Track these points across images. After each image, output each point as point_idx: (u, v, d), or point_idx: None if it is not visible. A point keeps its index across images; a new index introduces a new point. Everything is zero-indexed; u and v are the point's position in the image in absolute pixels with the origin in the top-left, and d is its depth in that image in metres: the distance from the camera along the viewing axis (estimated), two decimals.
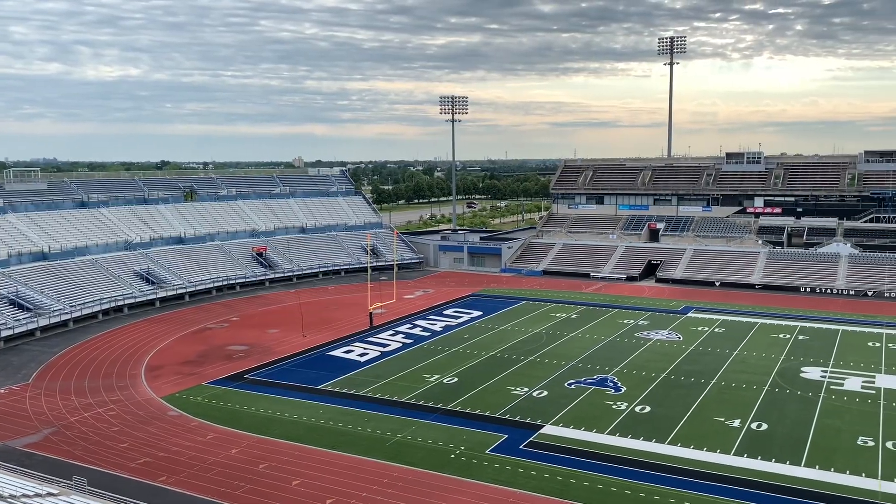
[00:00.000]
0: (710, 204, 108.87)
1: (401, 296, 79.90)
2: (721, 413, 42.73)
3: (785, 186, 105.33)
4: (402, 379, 50.39)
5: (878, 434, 39.17)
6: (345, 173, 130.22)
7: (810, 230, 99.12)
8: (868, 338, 61.83)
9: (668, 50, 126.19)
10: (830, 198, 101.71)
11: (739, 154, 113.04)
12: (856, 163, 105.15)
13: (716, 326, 66.64)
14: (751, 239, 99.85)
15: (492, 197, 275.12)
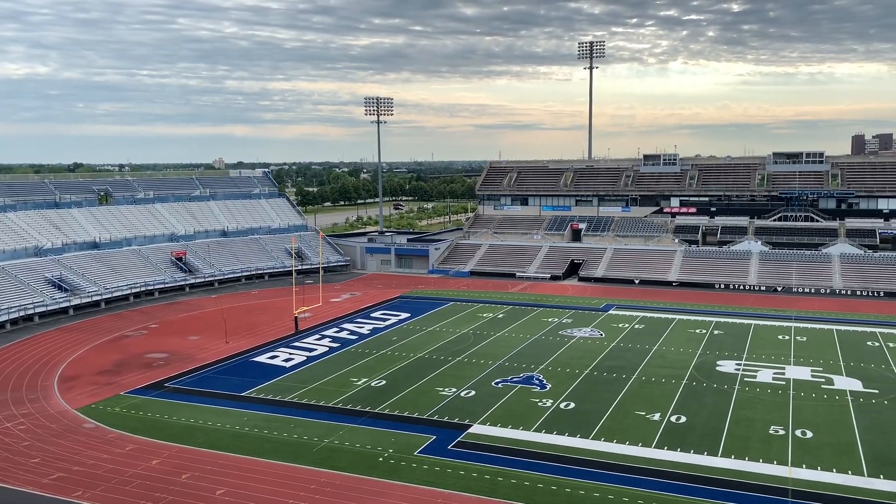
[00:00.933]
0: (629, 204, 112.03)
1: (327, 299, 79.10)
2: (642, 407, 44.02)
3: (699, 187, 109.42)
4: (329, 383, 49.88)
5: (789, 423, 41.13)
6: (268, 175, 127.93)
7: (723, 229, 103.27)
8: (778, 331, 64.85)
9: (588, 54, 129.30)
10: (742, 198, 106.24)
11: (656, 156, 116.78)
12: (765, 164, 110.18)
13: (636, 323, 68.61)
14: (668, 238, 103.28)
15: (419, 198, 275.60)
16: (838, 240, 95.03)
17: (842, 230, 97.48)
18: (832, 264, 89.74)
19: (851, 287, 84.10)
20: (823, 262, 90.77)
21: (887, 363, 53.66)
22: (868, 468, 34.78)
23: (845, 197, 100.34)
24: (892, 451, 36.78)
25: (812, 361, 54.34)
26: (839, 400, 45.24)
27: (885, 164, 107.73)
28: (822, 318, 70.45)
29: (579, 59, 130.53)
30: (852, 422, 41.21)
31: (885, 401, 44.98)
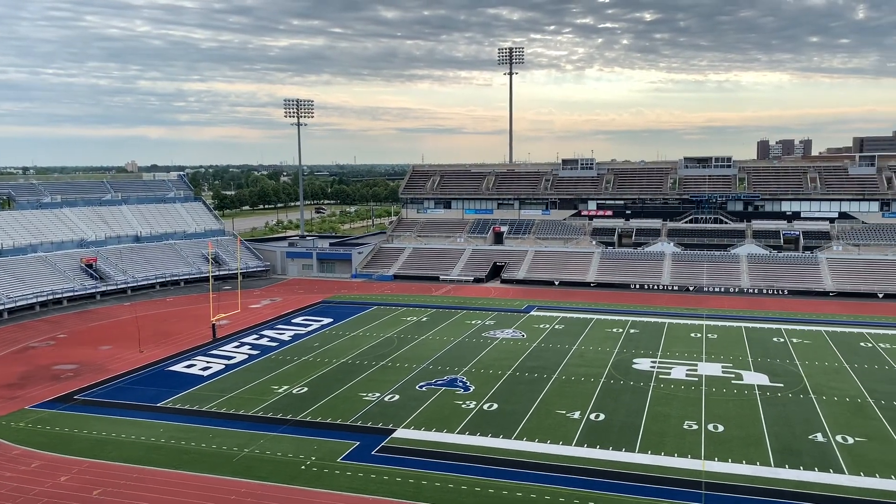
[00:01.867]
0: (548, 208, 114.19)
1: (246, 305, 77.42)
2: (562, 406, 44.89)
3: (615, 191, 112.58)
4: (249, 392, 48.78)
5: (702, 418, 42.74)
6: (183, 178, 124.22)
7: (638, 231, 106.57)
8: (691, 329, 67.34)
9: (508, 60, 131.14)
10: (655, 201, 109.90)
11: (574, 161, 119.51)
12: (677, 168, 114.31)
13: (556, 323, 69.95)
14: (586, 240, 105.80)
15: (341, 202, 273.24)
16: (745, 241, 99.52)
17: (749, 231, 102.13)
18: (740, 264, 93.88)
19: (758, 286, 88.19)
20: (732, 262, 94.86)
21: (791, 358, 56.48)
22: (774, 459, 36.49)
23: (751, 200, 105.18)
24: (795, 442, 38.71)
25: (722, 358, 56.66)
26: (748, 394, 47.31)
27: (787, 169, 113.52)
28: (732, 315, 73.57)
29: (499, 65, 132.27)
30: (760, 415, 43.15)
31: (790, 394, 47.33)
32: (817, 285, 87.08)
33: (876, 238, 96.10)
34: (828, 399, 46.12)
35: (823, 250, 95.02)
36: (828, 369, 53.25)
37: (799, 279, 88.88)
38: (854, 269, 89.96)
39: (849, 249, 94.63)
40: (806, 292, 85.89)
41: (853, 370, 52.90)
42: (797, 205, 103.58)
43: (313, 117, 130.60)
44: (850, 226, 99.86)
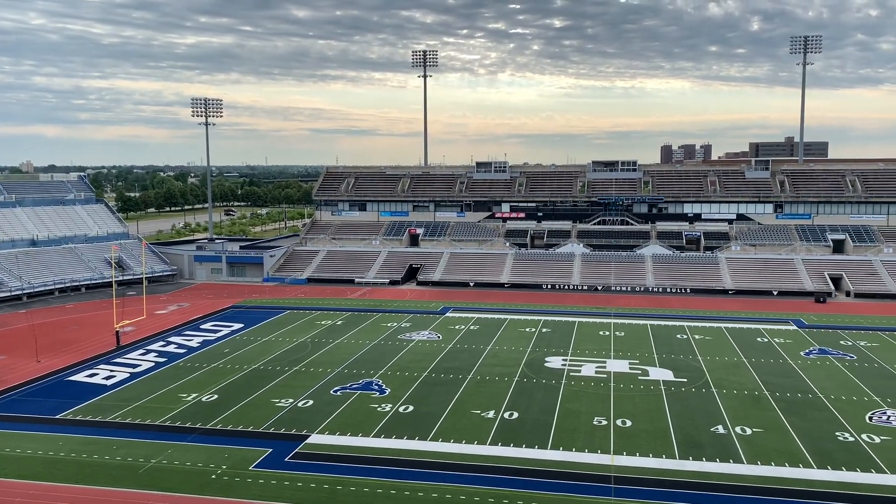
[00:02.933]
0: (463, 210, 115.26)
1: (152, 311, 74.70)
2: (477, 406, 45.38)
3: (527, 193, 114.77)
4: (156, 400, 47.05)
5: (610, 413, 44.07)
6: (83, 179, 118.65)
7: (550, 232, 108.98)
8: (599, 327, 69.36)
9: (422, 63, 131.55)
10: (566, 203, 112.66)
11: (488, 163, 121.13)
12: (585, 172, 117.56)
13: (471, 324, 70.66)
14: (500, 242, 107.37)
15: (252, 204, 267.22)
16: (650, 241, 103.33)
17: (653, 233, 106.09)
18: (645, 264, 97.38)
19: (662, 285, 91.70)
20: (638, 262, 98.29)
21: (694, 354, 59.00)
22: (679, 451, 38.02)
23: (656, 202, 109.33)
24: (698, 435, 40.46)
25: (630, 355, 58.61)
26: (654, 389, 49.12)
27: (689, 173, 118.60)
28: (638, 314, 76.22)
29: (413, 67, 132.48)
30: (665, 409, 44.87)
31: (693, 388, 49.43)
32: (717, 284, 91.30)
33: (770, 238, 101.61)
34: (728, 392, 48.42)
35: (723, 250, 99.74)
36: (727, 364, 55.91)
37: (700, 278, 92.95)
38: (751, 267, 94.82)
39: (746, 249, 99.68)
40: (707, 290, 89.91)
41: (750, 364, 55.74)
42: (698, 207, 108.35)
43: (222, 117, 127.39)
44: (747, 227, 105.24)
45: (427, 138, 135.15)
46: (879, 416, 43.49)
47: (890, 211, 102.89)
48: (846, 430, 40.91)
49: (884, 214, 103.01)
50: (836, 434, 40.36)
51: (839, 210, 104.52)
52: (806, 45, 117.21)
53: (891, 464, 35.99)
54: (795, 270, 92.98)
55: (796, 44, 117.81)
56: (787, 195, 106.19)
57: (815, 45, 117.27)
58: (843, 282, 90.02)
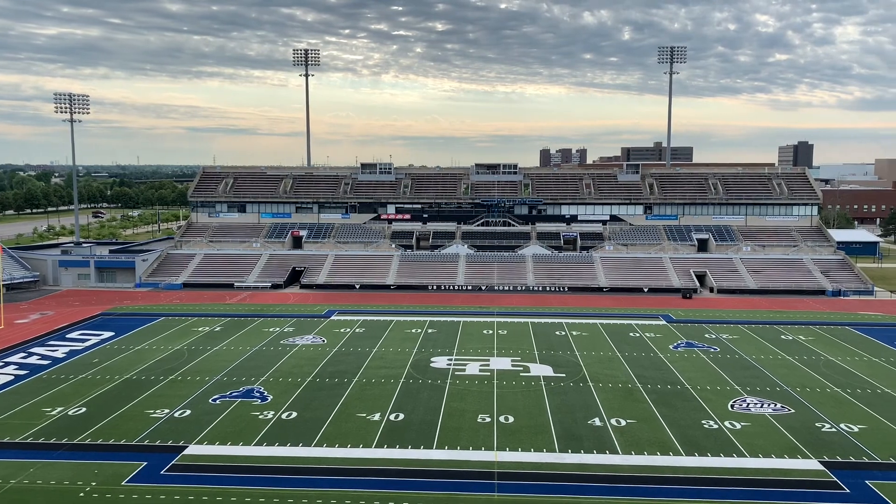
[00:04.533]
0: (348, 211, 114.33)
1: (11, 321, 69.52)
2: (363, 409, 45.09)
3: (413, 195, 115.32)
4: (16, 416, 43.73)
5: (493, 410, 44.95)
6: None
7: (435, 234, 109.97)
8: (483, 326, 70.65)
9: (303, 62, 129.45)
10: (450, 205, 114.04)
11: (373, 165, 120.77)
12: (469, 174, 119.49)
13: (357, 327, 70.18)
14: (385, 243, 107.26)
15: (123, 206, 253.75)
16: (531, 242, 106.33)
17: (533, 234, 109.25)
18: (526, 264, 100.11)
19: (542, 283, 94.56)
20: (519, 262, 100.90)
21: (572, 349, 61.19)
22: (559, 445, 39.30)
23: (535, 204, 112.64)
24: (576, 428, 41.97)
25: (512, 352, 60.05)
26: (535, 385, 50.54)
27: (566, 176, 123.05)
28: (519, 312, 78.24)
29: (295, 66, 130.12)
30: (545, 404, 46.26)
31: (571, 383, 51.24)
32: (593, 282, 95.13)
33: (641, 238, 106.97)
34: (603, 386, 50.52)
35: (597, 250, 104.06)
36: (603, 358, 58.36)
37: (577, 276, 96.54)
38: (623, 266, 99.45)
39: (619, 249, 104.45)
40: (583, 288, 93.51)
41: (624, 358, 58.43)
42: (575, 208, 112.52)
43: (89, 113, 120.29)
44: (620, 227, 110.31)
45: (310, 138, 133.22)
46: (740, 403, 46.69)
47: (748, 212, 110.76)
48: (711, 418, 43.63)
49: (742, 215, 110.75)
50: (703, 422, 42.97)
51: (703, 211, 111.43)
52: (672, 56, 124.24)
53: (750, 448, 38.71)
54: (664, 268, 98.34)
55: (664, 54, 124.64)
56: (656, 197, 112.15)
57: (681, 56, 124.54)
58: (707, 278, 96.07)
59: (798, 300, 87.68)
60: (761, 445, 39.01)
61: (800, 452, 38.10)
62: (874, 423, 42.90)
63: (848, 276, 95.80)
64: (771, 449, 38.54)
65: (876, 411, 44.99)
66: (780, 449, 38.56)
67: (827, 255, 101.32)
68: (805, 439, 39.98)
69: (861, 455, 37.77)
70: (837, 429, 41.78)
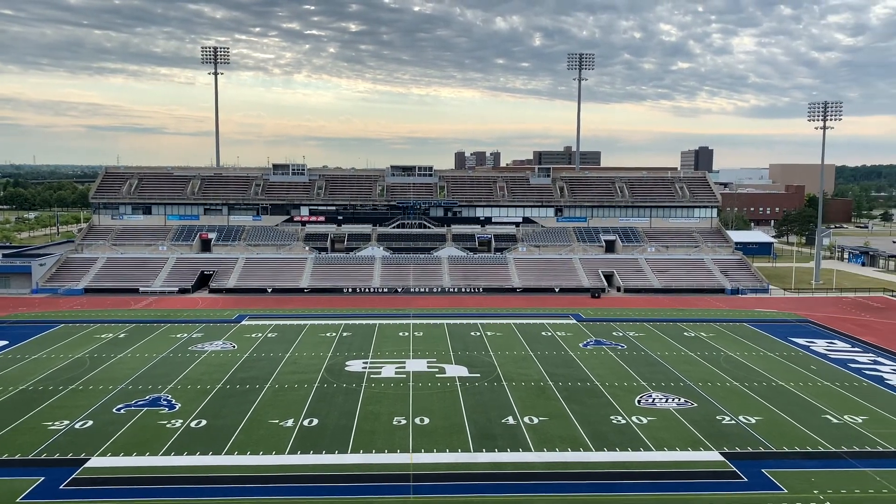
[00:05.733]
0: (260, 213, 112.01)
1: None
2: (275, 415, 44.27)
3: (327, 196, 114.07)
4: None
5: (409, 412, 44.99)
6: None
7: (350, 236, 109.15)
8: (399, 328, 70.60)
9: (212, 59, 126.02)
10: (365, 207, 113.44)
11: (285, 165, 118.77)
12: (384, 176, 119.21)
13: (269, 332, 68.82)
14: (299, 246, 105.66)
15: (17, 207, 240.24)
16: (446, 244, 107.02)
17: (449, 235, 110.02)
18: (442, 266, 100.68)
19: (458, 285, 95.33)
20: (435, 264, 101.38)
21: (486, 350, 61.94)
22: (474, 444, 39.70)
23: (451, 206, 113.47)
24: (491, 427, 42.53)
25: (428, 354, 60.26)
26: (450, 386, 50.89)
27: (480, 178, 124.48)
28: (435, 313, 78.60)
29: (203, 64, 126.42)
30: (461, 405, 46.65)
31: (486, 383, 51.87)
32: (507, 283, 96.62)
33: (552, 240, 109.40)
34: (517, 385, 51.39)
35: (511, 251, 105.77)
36: (516, 357, 59.35)
37: (492, 277, 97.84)
38: (536, 267, 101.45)
39: (531, 250, 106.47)
40: (498, 289, 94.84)
41: (536, 357, 59.60)
42: (489, 211, 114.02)
43: None
44: (532, 229, 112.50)
45: (219, 138, 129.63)
46: (646, 399, 48.43)
47: (652, 214, 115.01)
48: (619, 414, 45.06)
49: (647, 217, 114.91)
50: (611, 418, 44.32)
51: (610, 214, 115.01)
52: (581, 62, 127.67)
53: (656, 442, 40.20)
54: (574, 269, 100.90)
55: (573, 60, 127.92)
56: (567, 200, 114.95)
57: (589, 63, 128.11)
58: (615, 278, 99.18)
59: (699, 298, 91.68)
60: (666, 439, 40.59)
61: (702, 444, 39.85)
62: (769, 414, 45.33)
63: (745, 275, 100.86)
64: (675, 442, 40.15)
65: (771, 403, 47.55)
66: (684, 442, 40.23)
67: (726, 256, 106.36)
68: (707, 432, 41.85)
69: (758, 445, 39.84)
70: (736, 421, 43.93)
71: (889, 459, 37.95)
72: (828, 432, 41.88)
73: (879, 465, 37.11)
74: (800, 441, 40.45)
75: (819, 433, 41.72)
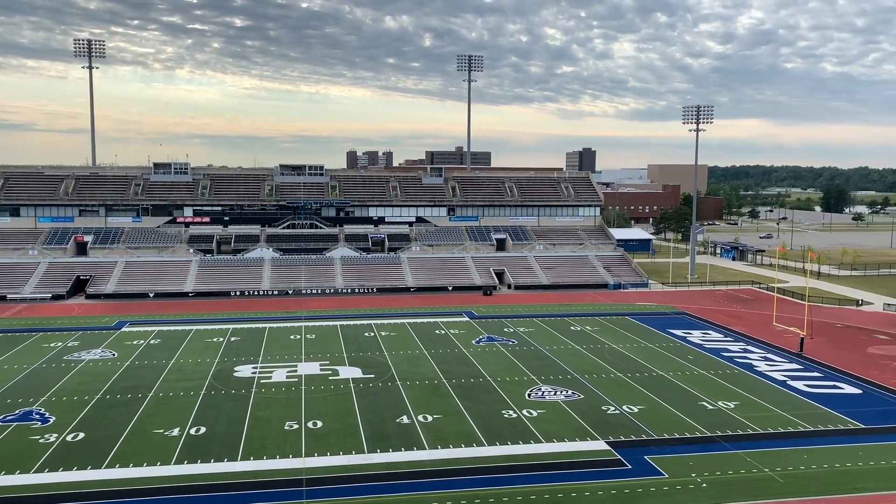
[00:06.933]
0: (140, 214, 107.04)
1: None
2: (160, 425, 42.47)
3: (212, 196, 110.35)
4: None
5: (301, 416, 44.27)
6: None
7: (237, 237, 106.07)
8: (290, 331, 69.30)
9: (86, 53, 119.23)
10: (253, 207, 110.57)
11: (167, 164, 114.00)
12: (273, 175, 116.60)
13: (151, 338, 65.92)
14: (183, 248, 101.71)
15: None
16: (339, 244, 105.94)
17: (341, 236, 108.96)
18: (334, 266, 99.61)
19: (351, 285, 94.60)
20: (327, 264, 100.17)
21: (381, 350, 61.83)
22: (368, 445, 39.55)
23: (343, 206, 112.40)
24: (385, 427, 42.50)
25: (320, 356, 59.51)
26: (344, 388, 50.46)
27: (373, 178, 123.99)
28: (328, 315, 77.70)
29: (76, 57, 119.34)
30: (355, 406, 46.35)
31: (380, 383, 51.78)
32: (401, 282, 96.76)
33: (445, 239, 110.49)
34: (411, 384, 51.60)
35: (405, 251, 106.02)
36: (411, 357, 59.58)
37: (385, 277, 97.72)
38: (429, 266, 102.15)
39: (425, 249, 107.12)
40: (392, 289, 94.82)
41: (430, 355, 60.05)
42: (382, 210, 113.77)
43: None
44: (425, 228, 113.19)
45: (95, 136, 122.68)
46: (536, 392, 49.79)
47: (540, 213, 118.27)
48: (511, 408, 46.10)
49: (535, 216, 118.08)
50: (503, 412, 45.28)
51: (501, 213, 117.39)
52: (470, 64, 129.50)
53: (545, 434, 41.41)
54: (467, 267, 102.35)
55: (462, 62, 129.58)
56: (459, 200, 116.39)
57: (478, 64, 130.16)
58: (506, 276, 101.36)
59: (585, 293, 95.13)
60: (555, 430, 41.88)
61: (589, 434, 41.39)
62: (651, 403, 47.65)
63: (626, 270, 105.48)
64: (563, 433, 41.50)
65: (652, 392, 49.99)
66: (572, 432, 41.66)
67: (608, 252, 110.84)
68: (593, 422, 43.50)
69: (640, 433, 41.80)
70: (620, 410, 45.91)
71: (758, 441, 40.75)
72: (704, 418, 44.49)
73: (750, 446, 39.78)
74: (678, 427, 42.75)
75: (696, 419, 44.25)
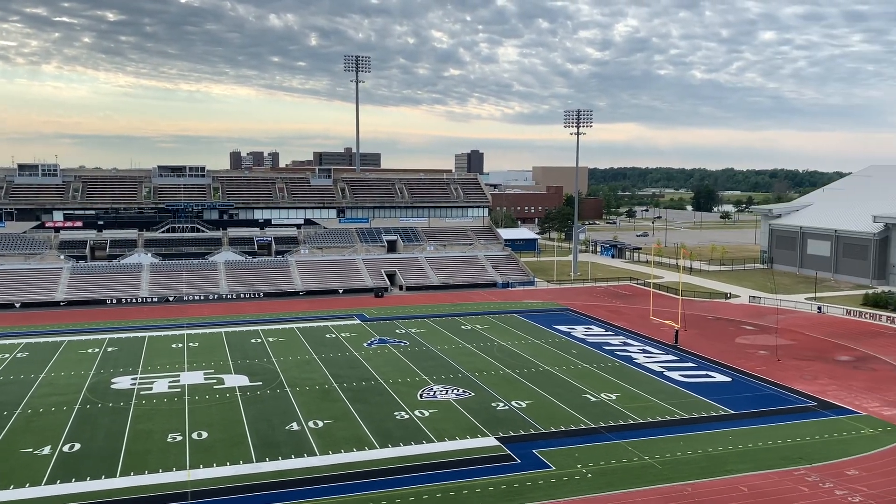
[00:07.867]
0: (3, 219, 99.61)
1: None
2: (29, 443, 39.72)
3: (85, 199, 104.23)
4: None
5: (185, 428, 42.56)
6: None
7: (113, 242, 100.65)
8: (172, 340, 66.47)
9: None
10: (130, 210, 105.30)
11: (34, 166, 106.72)
12: (151, 177, 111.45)
13: (18, 351, 61.52)
14: (52, 254, 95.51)
15: None
16: (222, 248, 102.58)
17: (225, 239, 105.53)
18: (218, 271, 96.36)
19: (236, 291, 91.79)
20: (210, 269, 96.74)
21: (269, 356, 60.37)
22: (256, 454, 38.52)
23: (227, 208, 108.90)
24: (274, 435, 41.53)
25: (204, 365, 57.42)
26: (230, 397, 48.92)
27: (258, 179, 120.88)
28: (212, 322, 75.08)
29: None
30: (242, 415, 45.04)
31: (268, 390, 50.55)
32: (289, 286, 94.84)
33: (335, 241, 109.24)
34: (301, 390, 50.68)
35: (293, 254, 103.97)
36: (300, 362, 58.52)
37: (273, 282, 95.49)
38: (319, 269, 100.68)
39: (314, 252, 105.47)
40: (280, 293, 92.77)
41: (321, 360, 59.21)
42: (268, 213, 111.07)
43: None
44: (314, 231, 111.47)
45: None
46: (428, 392, 50.10)
47: (430, 214, 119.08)
48: (403, 409, 46.16)
49: (426, 217, 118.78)
50: (395, 414, 45.27)
51: (391, 214, 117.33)
52: (358, 65, 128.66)
53: (437, 433, 41.73)
54: (357, 269, 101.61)
55: (349, 62, 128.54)
56: (348, 201, 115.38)
57: (365, 65, 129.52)
58: (397, 277, 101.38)
59: (475, 293, 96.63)
60: (447, 429, 42.29)
61: (479, 431, 42.06)
62: (538, 398, 48.98)
63: (514, 269, 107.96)
64: (455, 431, 41.97)
65: (539, 387, 51.41)
66: (463, 430, 42.20)
67: (497, 252, 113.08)
68: (483, 419, 44.24)
69: (529, 428, 42.87)
70: (509, 406, 46.93)
71: (638, 430, 42.71)
72: (588, 410, 46.19)
73: (631, 436, 41.64)
74: (565, 420, 44.18)
75: (581, 412, 45.87)
